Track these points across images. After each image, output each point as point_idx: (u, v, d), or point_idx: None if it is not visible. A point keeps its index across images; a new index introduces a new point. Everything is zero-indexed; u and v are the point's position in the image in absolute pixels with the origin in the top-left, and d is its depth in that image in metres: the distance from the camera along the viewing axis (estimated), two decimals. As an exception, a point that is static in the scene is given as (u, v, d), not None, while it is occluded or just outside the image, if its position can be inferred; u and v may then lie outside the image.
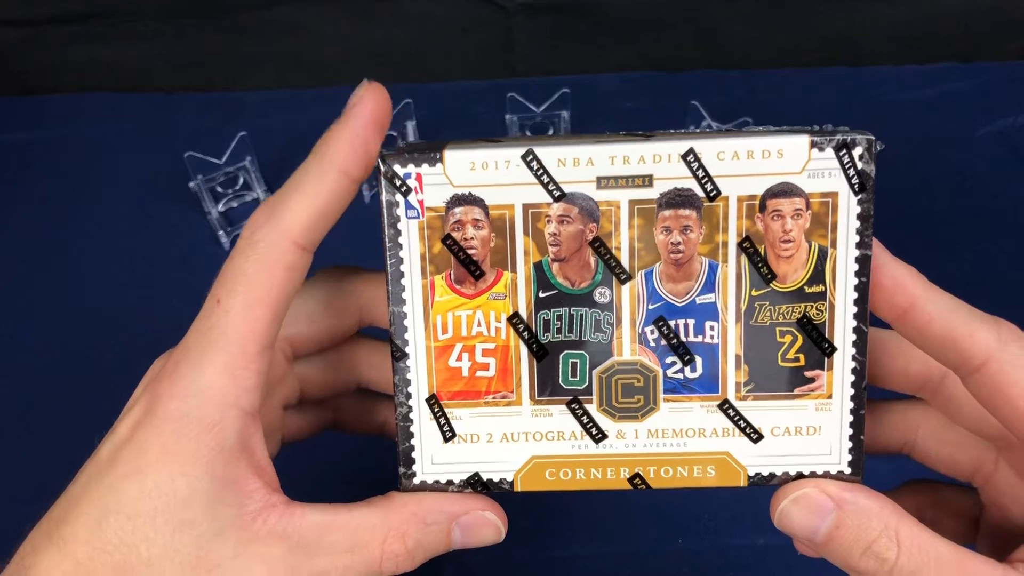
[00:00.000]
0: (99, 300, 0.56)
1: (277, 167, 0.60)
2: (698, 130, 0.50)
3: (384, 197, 0.29)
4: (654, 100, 0.64)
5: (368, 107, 0.28)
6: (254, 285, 0.27)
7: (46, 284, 0.57)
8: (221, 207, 0.59)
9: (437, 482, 0.30)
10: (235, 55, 0.66)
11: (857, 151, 0.28)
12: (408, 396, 0.30)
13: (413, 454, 0.30)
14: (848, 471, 0.29)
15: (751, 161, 0.28)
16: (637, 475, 0.30)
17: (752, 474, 0.29)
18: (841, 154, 0.28)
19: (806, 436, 0.29)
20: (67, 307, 0.56)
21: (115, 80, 0.67)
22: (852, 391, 0.29)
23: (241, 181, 0.59)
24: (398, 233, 0.29)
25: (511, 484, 0.30)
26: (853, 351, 0.29)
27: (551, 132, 0.61)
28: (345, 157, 0.28)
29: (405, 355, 0.30)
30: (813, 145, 0.28)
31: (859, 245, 0.28)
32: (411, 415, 0.30)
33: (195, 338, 0.27)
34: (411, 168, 0.29)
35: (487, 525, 0.30)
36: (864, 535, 0.27)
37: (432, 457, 0.30)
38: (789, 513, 0.28)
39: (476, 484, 0.30)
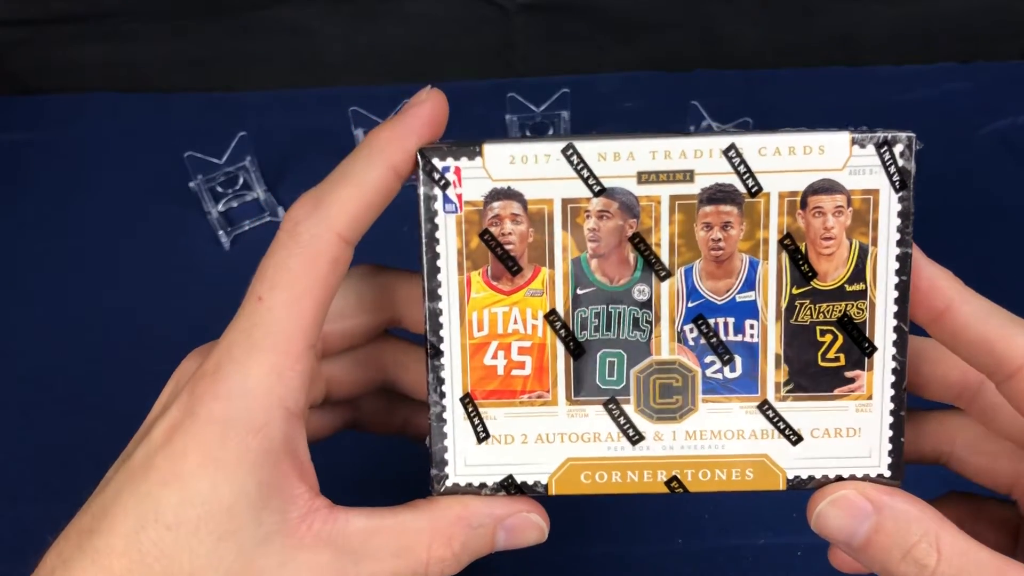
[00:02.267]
0: (99, 300, 0.56)
1: (277, 167, 0.60)
2: (734, 128, 0.50)
3: (422, 191, 0.29)
4: (654, 100, 0.64)
5: (427, 108, 0.28)
6: (298, 280, 0.26)
7: (46, 284, 0.57)
8: (221, 207, 0.59)
9: (470, 485, 0.29)
10: (235, 55, 0.66)
11: (898, 148, 0.28)
12: (442, 395, 0.29)
13: (446, 455, 0.29)
14: (888, 474, 0.29)
15: (792, 157, 0.28)
16: (675, 478, 0.29)
17: (791, 477, 0.29)
18: (882, 151, 0.28)
19: (845, 438, 0.29)
20: (67, 307, 0.56)
21: (115, 80, 0.67)
22: (892, 392, 0.29)
23: (241, 181, 0.59)
24: (435, 228, 0.29)
25: (545, 487, 0.30)
26: (894, 351, 0.29)
27: (551, 132, 0.61)
28: (395, 152, 0.28)
29: (440, 353, 0.29)
30: (854, 142, 0.28)
31: (900, 243, 0.28)
32: (444, 415, 0.29)
33: (237, 337, 0.26)
34: (450, 161, 0.28)
35: (531, 527, 0.29)
36: (904, 540, 0.26)
37: (465, 459, 0.29)
38: (827, 516, 0.27)
39: (510, 487, 0.29)
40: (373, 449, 0.42)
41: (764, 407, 0.29)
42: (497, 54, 0.66)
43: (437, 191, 0.29)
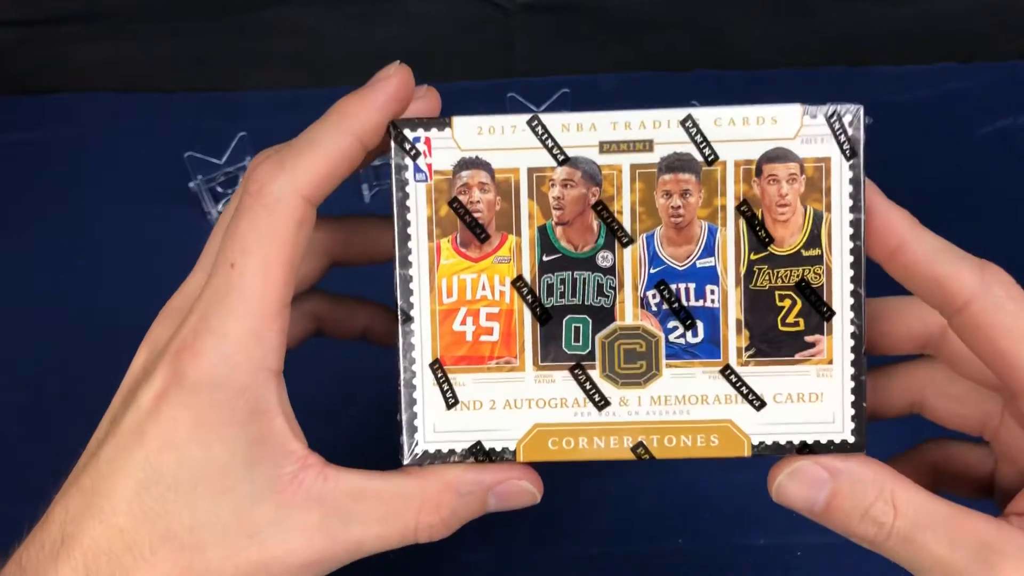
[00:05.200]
0: (99, 300, 0.56)
1: (277, 167, 0.60)
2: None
3: (393, 161, 0.30)
4: (654, 100, 0.64)
5: (394, 83, 0.30)
6: (268, 244, 0.27)
7: (46, 284, 0.57)
8: (221, 207, 0.59)
9: (439, 452, 0.30)
10: (235, 55, 0.66)
11: (847, 118, 0.30)
12: (412, 361, 0.30)
13: (416, 422, 0.30)
14: (852, 440, 0.29)
15: (747, 128, 0.30)
16: (640, 444, 0.30)
17: (756, 443, 0.30)
18: (832, 120, 0.30)
19: (808, 403, 0.29)
20: (67, 307, 0.56)
21: (115, 80, 0.67)
22: (852, 356, 0.29)
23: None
24: (406, 196, 0.30)
25: (514, 454, 0.30)
26: (851, 315, 0.29)
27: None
28: (363, 123, 0.29)
29: (411, 319, 0.30)
30: (805, 112, 0.30)
31: (852, 209, 0.29)
32: (414, 381, 0.30)
33: (213, 304, 0.27)
34: (420, 132, 0.30)
35: (522, 492, 0.30)
36: (861, 501, 0.27)
37: (435, 425, 0.30)
38: (786, 487, 0.28)
39: (479, 454, 0.30)
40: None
41: (727, 372, 0.30)
42: (497, 54, 0.66)
43: (408, 161, 0.30)
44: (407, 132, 0.30)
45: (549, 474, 0.49)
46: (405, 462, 0.30)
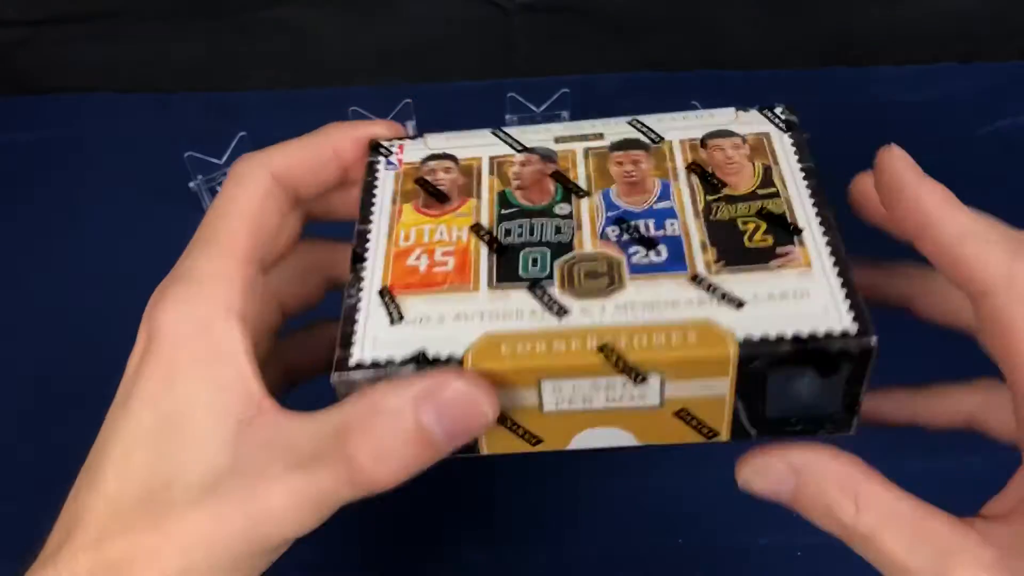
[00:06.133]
0: (99, 300, 0.56)
1: (277, 167, 0.60)
2: None
3: (368, 160, 0.33)
4: (654, 100, 0.63)
5: (381, 127, 0.34)
6: (235, 208, 0.30)
7: (46, 284, 0.57)
8: (221, 207, 0.59)
9: (376, 362, 0.26)
10: (235, 55, 0.66)
11: (778, 109, 0.32)
12: (360, 290, 0.28)
13: (354, 337, 0.27)
14: (855, 330, 0.25)
15: (687, 121, 0.33)
16: (607, 345, 0.25)
17: (742, 337, 0.25)
18: (764, 112, 0.32)
19: (793, 299, 0.26)
20: (67, 307, 0.56)
21: (115, 80, 0.67)
22: (833, 259, 0.27)
23: (241, 181, 0.59)
24: (375, 179, 0.32)
25: (460, 360, 0.26)
26: (822, 229, 0.28)
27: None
28: (341, 139, 0.32)
29: (363, 259, 0.29)
30: (738, 110, 0.32)
31: (800, 160, 0.30)
32: (359, 305, 0.28)
33: (184, 259, 0.29)
34: (395, 143, 0.33)
35: (465, 402, 0.25)
36: (823, 498, 0.26)
37: (375, 339, 0.27)
38: (751, 482, 0.28)
39: (420, 361, 0.26)
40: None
41: (697, 280, 0.27)
42: (497, 54, 0.66)
43: (380, 158, 0.33)
44: (384, 142, 0.33)
45: (549, 474, 0.49)
46: (333, 376, 0.26)
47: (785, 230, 0.28)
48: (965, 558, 0.25)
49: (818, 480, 0.27)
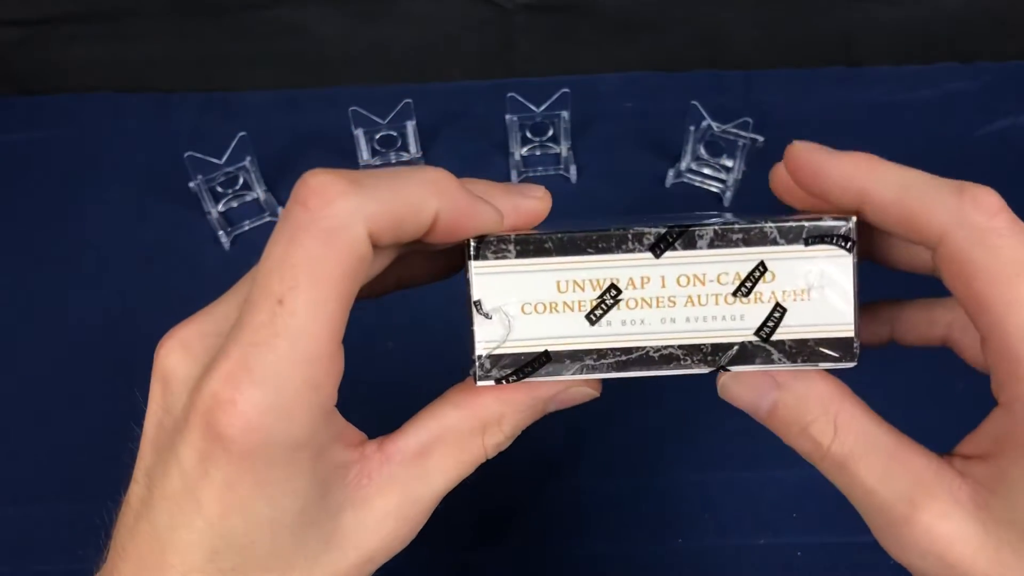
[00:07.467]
0: (99, 300, 0.56)
1: (277, 167, 0.60)
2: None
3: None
4: (654, 100, 0.64)
5: (530, 215, 0.27)
6: (326, 278, 0.23)
7: (46, 284, 0.57)
8: (221, 207, 0.59)
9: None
10: (235, 55, 0.66)
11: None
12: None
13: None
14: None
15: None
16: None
17: None
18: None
19: None
20: (67, 307, 0.56)
21: (115, 80, 0.67)
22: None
23: (241, 181, 0.59)
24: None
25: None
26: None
27: (551, 132, 0.61)
28: (450, 200, 0.25)
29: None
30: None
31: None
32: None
33: (255, 349, 0.23)
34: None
35: (581, 395, 0.28)
36: (801, 417, 0.26)
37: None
38: (729, 387, 0.27)
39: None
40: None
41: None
42: (497, 54, 0.66)
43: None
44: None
45: (549, 475, 0.49)
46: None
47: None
48: (939, 491, 0.25)
49: (800, 395, 0.26)
